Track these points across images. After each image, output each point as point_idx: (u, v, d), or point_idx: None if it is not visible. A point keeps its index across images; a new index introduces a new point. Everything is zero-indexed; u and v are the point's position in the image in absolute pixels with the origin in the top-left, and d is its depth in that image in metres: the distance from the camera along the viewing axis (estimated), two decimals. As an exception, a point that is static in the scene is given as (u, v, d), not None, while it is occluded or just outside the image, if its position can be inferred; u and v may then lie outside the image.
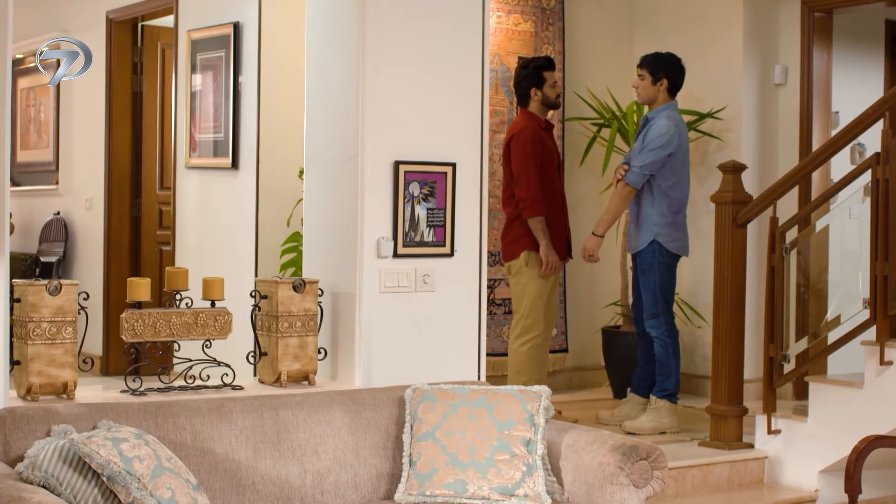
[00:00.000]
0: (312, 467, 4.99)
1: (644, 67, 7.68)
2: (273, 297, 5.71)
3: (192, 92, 8.39)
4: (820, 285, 7.22)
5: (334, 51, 6.08)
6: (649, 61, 7.69)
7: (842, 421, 6.66)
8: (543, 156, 7.64)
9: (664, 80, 7.63)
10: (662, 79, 7.62)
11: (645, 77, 7.65)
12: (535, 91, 7.68)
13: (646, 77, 7.64)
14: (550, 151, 7.74)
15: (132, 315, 5.41)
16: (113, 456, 4.26)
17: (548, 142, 7.75)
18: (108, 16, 9.60)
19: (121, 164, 9.62)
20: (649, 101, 7.69)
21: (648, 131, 7.54)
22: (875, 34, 9.75)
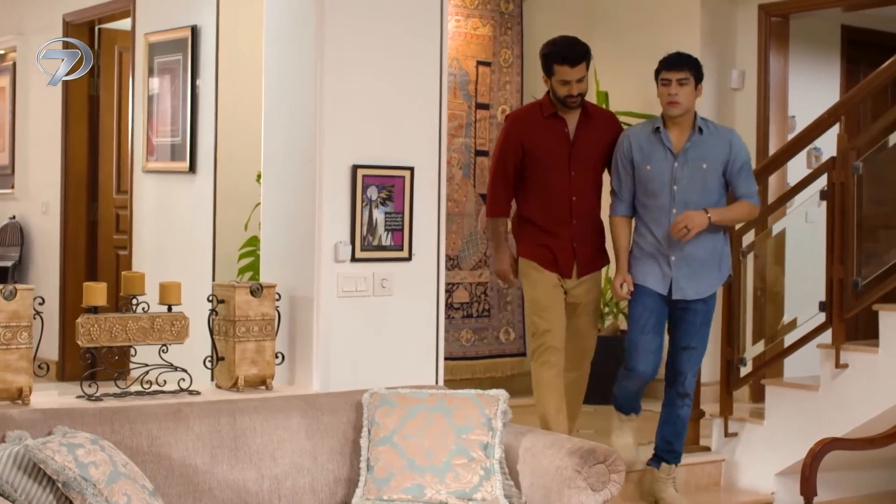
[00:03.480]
0: (270, 472, 4.98)
1: (687, 69, 6.33)
2: (230, 302, 5.69)
3: (150, 95, 8.36)
4: (777, 289, 7.27)
5: (292, 54, 6.06)
6: (692, 62, 6.39)
7: (798, 424, 6.70)
8: (537, 149, 6.49)
9: (701, 86, 6.44)
10: (700, 82, 6.43)
11: (689, 82, 6.32)
12: (545, 79, 6.60)
13: (689, 81, 6.33)
14: (550, 144, 6.51)
15: (88, 320, 5.38)
16: (68, 462, 4.23)
17: (549, 133, 6.52)
18: (65, 18, 9.56)
19: (77, 167, 9.58)
20: (687, 111, 6.36)
21: (731, 147, 6.35)
22: (831, 39, 9.81)
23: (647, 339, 6.35)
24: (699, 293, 6.34)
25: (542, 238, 6.54)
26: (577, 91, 6.44)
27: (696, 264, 6.31)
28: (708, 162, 6.29)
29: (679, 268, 6.30)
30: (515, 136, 6.54)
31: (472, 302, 8.89)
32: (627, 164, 6.40)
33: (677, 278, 6.30)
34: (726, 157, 6.31)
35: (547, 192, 6.52)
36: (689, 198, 6.27)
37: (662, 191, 6.30)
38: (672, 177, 6.29)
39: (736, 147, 6.36)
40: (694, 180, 6.29)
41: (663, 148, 6.32)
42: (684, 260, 6.30)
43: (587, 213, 6.54)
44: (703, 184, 6.29)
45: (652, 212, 6.35)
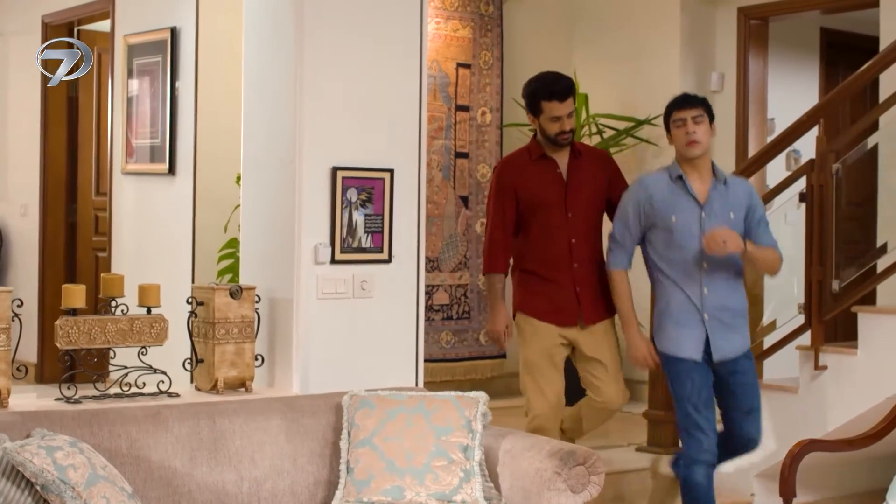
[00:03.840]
0: (249, 475, 4.97)
1: (700, 106, 5.88)
2: (210, 304, 5.68)
3: (129, 97, 8.33)
4: (756, 290, 7.27)
5: (272, 56, 6.06)
6: (702, 99, 5.97)
7: (777, 425, 6.71)
8: (530, 194, 6.19)
9: (714, 126, 5.98)
10: (712, 122, 5.95)
11: (703, 119, 5.85)
12: (531, 119, 6.30)
13: (704, 119, 5.85)
14: (544, 187, 6.21)
15: (67, 322, 5.36)
16: (47, 464, 4.22)
17: (542, 176, 6.21)
18: (44, 20, 9.52)
19: (56, 169, 9.55)
20: (706, 151, 5.90)
21: (751, 197, 5.95)
22: (810, 42, 9.85)
23: (705, 416, 5.81)
24: (740, 348, 5.89)
25: (541, 286, 6.20)
26: (569, 126, 6.13)
27: (729, 318, 5.84)
28: (735, 211, 5.84)
29: (713, 326, 5.81)
30: (508, 184, 6.23)
31: (452, 304, 8.89)
32: (642, 215, 5.89)
33: (714, 338, 5.80)
34: (747, 205, 5.89)
35: (545, 237, 6.18)
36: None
37: (690, 244, 5.79)
38: (700, 228, 5.77)
39: (755, 196, 5.98)
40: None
41: (688, 197, 5.82)
42: (718, 316, 5.82)
43: (589, 256, 6.20)
44: None
45: (680, 267, 5.83)
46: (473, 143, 9.09)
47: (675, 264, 5.84)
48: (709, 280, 5.79)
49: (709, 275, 5.79)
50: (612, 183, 6.26)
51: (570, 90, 6.17)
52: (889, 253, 6.80)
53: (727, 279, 5.84)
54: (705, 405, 5.80)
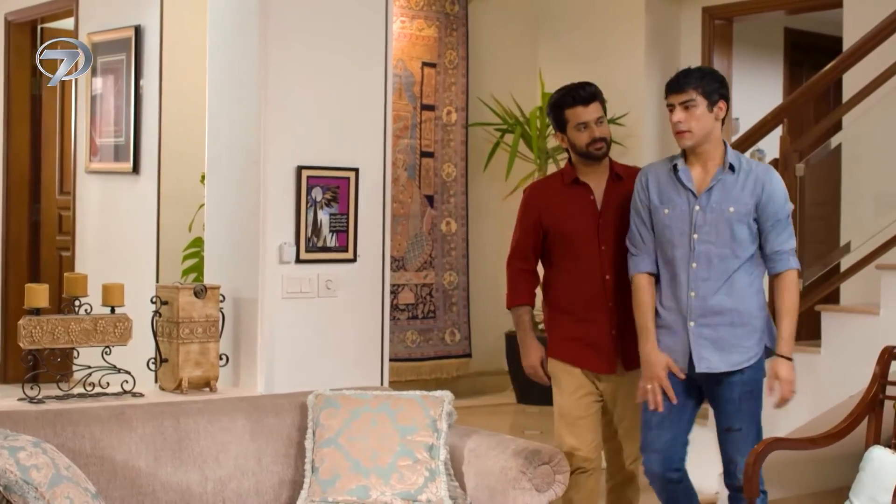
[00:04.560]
0: (214, 475, 4.95)
1: (691, 88, 5.10)
2: (174, 303, 5.66)
3: (93, 95, 8.30)
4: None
5: (236, 55, 6.04)
6: (699, 77, 5.16)
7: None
8: (559, 223, 5.50)
9: (722, 104, 5.18)
10: (720, 101, 5.16)
11: (696, 103, 5.10)
12: (561, 137, 5.53)
13: (697, 103, 5.10)
14: (574, 216, 5.49)
15: (30, 322, 5.34)
16: (9, 465, 4.19)
17: (572, 203, 5.49)
18: (7, 17, 9.48)
19: (19, 168, 9.50)
20: (704, 140, 5.14)
21: (764, 190, 5.12)
22: (774, 42, 9.90)
23: (655, 435, 5.29)
24: (732, 364, 5.18)
25: (575, 329, 5.49)
26: (600, 134, 5.38)
27: (723, 326, 5.14)
28: (736, 206, 5.10)
29: (699, 334, 5.16)
30: (534, 211, 5.55)
31: (418, 303, 8.89)
32: (645, 209, 5.25)
33: (698, 349, 5.15)
34: (757, 199, 5.10)
35: (576, 272, 5.49)
36: (711, 250, 5.12)
37: (681, 241, 5.16)
38: (692, 223, 5.14)
39: (771, 188, 5.12)
40: (719, 229, 5.11)
41: (682, 188, 5.17)
42: (707, 323, 5.15)
43: (627, 293, 5.37)
44: (730, 233, 5.10)
45: (670, 267, 5.21)
46: (439, 142, 9.09)
47: (666, 263, 5.20)
48: (696, 283, 5.13)
49: (697, 277, 5.12)
50: None
51: (594, 95, 5.43)
52: (852, 252, 6.83)
53: (723, 282, 5.11)
54: (657, 425, 5.25)
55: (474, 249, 9.28)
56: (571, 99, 5.41)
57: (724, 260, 5.11)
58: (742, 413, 5.23)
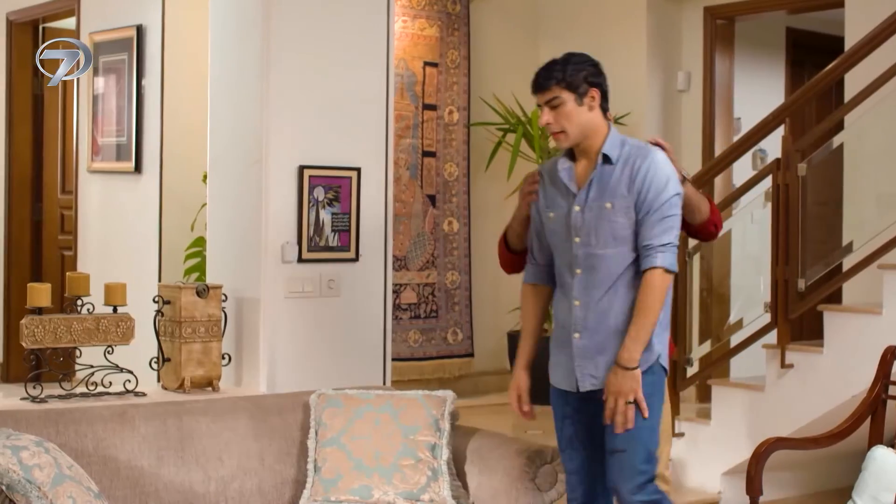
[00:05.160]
0: (216, 474, 4.95)
1: (554, 84, 4.49)
2: (176, 303, 5.66)
3: (95, 95, 8.30)
4: (722, 289, 7.30)
5: (238, 54, 6.04)
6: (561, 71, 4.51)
7: (744, 423, 6.73)
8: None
9: (594, 92, 4.51)
10: (590, 90, 4.50)
11: (562, 101, 4.47)
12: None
13: (563, 100, 4.47)
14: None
15: (32, 321, 5.34)
16: (12, 464, 4.19)
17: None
18: (9, 17, 9.47)
19: (21, 167, 9.49)
20: (585, 135, 4.49)
21: (639, 175, 4.41)
22: (776, 41, 9.88)
23: (565, 456, 4.68)
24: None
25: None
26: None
27: (608, 342, 4.44)
28: (614, 200, 4.43)
29: (583, 351, 4.50)
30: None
31: (420, 303, 8.89)
32: (537, 213, 4.67)
33: (581, 364, 4.49)
34: (638, 189, 4.42)
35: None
36: (595, 253, 4.46)
37: (565, 246, 4.53)
38: (569, 225, 4.50)
39: (646, 173, 4.41)
40: (600, 229, 4.45)
41: (564, 188, 4.53)
42: (591, 339, 4.48)
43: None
44: (612, 233, 4.43)
45: (559, 276, 4.61)
46: (441, 141, 9.08)
47: (557, 271, 4.61)
48: (580, 291, 4.50)
49: (580, 284, 4.49)
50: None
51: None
52: (854, 252, 6.82)
53: (608, 288, 4.45)
54: (569, 444, 4.63)
55: (476, 249, 9.27)
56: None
57: (606, 262, 4.43)
58: (622, 433, 4.39)
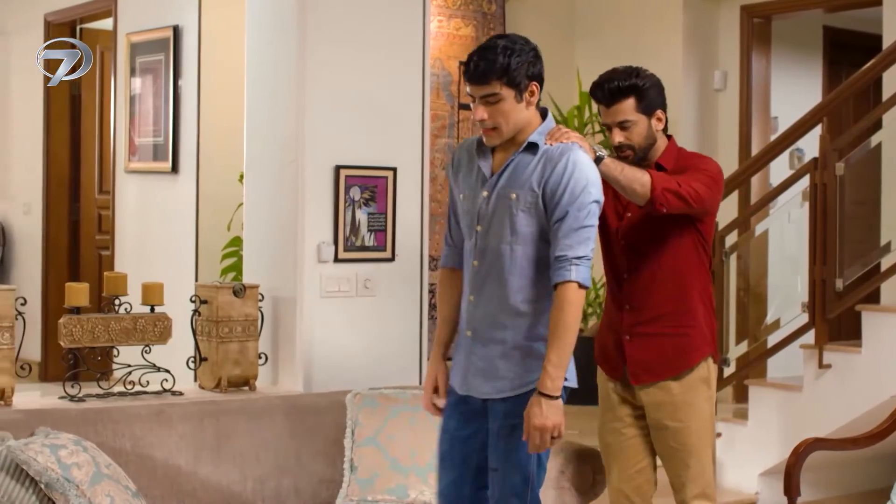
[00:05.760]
0: (253, 473, 4.96)
1: (495, 78, 4.03)
2: (213, 302, 5.67)
3: (132, 95, 8.33)
4: (759, 289, 7.27)
5: (274, 54, 6.05)
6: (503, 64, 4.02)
7: (781, 424, 6.71)
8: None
9: (534, 86, 4.13)
10: (530, 84, 4.11)
11: (500, 97, 4.06)
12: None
13: (502, 96, 4.05)
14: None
15: (70, 320, 5.36)
16: (51, 463, 4.22)
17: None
18: (47, 18, 9.52)
19: (59, 167, 9.54)
20: (518, 131, 4.12)
21: (562, 180, 4.00)
22: (813, 40, 9.83)
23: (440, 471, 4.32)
24: (498, 390, 4.14)
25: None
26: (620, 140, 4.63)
27: (495, 344, 4.15)
28: (521, 191, 4.08)
29: (469, 351, 4.25)
30: None
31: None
32: (449, 192, 4.41)
33: (469, 364, 4.23)
34: (544, 184, 4.04)
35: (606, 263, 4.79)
36: (492, 247, 4.13)
37: (470, 233, 4.22)
38: (476, 213, 4.17)
39: (562, 173, 4.01)
40: (500, 220, 4.11)
41: (478, 170, 4.20)
42: (483, 336, 4.19)
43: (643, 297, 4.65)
44: (511, 227, 4.08)
45: (465, 265, 4.29)
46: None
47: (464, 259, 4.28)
48: (475, 285, 4.19)
49: (476, 277, 4.18)
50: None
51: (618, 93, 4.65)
52: (893, 251, 6.79)
53: (500, 287, 4.12)
54: (441, 460, 4.32)
55: (512, 249, 9.26)
56: (595, 93, 4.70)
57: (502, 259, 4.11)
58: (499, 450, 4.11)
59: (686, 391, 4.58)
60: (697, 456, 4.60)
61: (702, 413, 4.61)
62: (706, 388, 4.63)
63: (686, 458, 4.59)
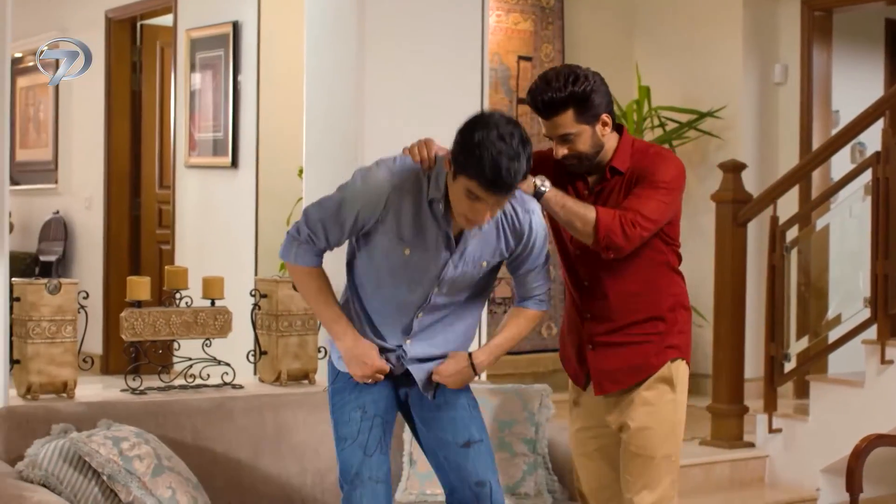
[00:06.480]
0: (313, 466, 4.98)
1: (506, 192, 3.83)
2: (273, 296, 5.70)
3: (192, 91, 8.39)
4: (821, 284, 7.21)
5: (333, 50, 6.07)
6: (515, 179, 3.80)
7: (843, 420, 6.65)
8: None
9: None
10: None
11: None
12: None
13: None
14: None
15: (132, 314, 5.40)
16: (113, 455, 4.25)
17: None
18: (108, 14, 9.59)
19: (120, 163, 9.61)
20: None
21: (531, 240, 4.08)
22: (875, 33, 9.75)
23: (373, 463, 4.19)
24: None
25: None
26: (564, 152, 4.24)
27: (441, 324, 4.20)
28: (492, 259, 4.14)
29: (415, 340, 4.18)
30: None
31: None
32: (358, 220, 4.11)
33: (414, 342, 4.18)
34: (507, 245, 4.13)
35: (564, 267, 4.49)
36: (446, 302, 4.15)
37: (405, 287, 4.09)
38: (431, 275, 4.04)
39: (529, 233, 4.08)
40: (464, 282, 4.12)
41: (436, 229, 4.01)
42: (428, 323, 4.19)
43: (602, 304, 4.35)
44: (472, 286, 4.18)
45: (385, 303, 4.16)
46: (535, 135, 9.04)
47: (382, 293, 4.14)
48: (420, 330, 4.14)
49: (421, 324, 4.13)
50: None
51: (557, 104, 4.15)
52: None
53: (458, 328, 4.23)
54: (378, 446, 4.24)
55: (570, 243, 9.25)
56: (533, 105, 4.22)
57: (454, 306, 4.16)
58: (477, 420, 4.19)
59: (646, 390, 4.25)
60: (655, 461, 4.24)
61: (661, 415, 4.26)
62: (669, 390, 4.27)
63: (642, 462, 4.25)
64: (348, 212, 4.04)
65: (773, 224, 6.93)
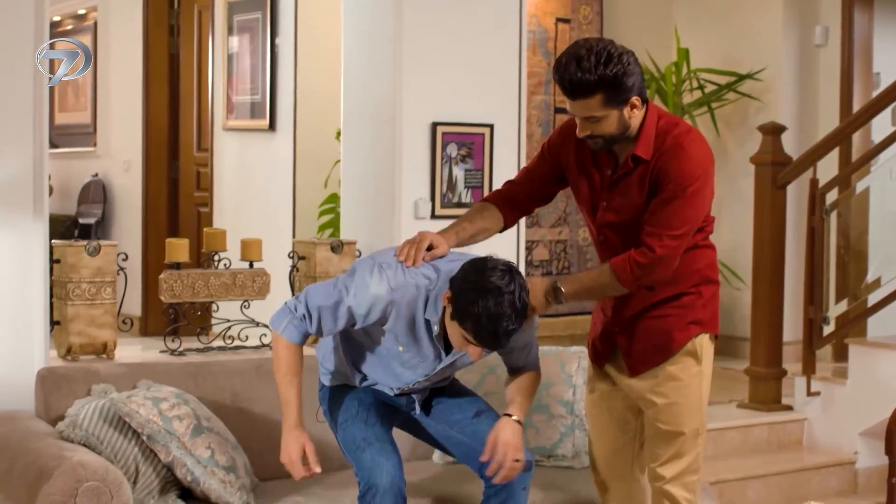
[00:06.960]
0: (351, 427, 4.98)
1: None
2: (311, 258, 5.71)
3: (229, 54, 8.39)
4: (860, 247, 7.17)
5: (371, 11, 6.06)
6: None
7: (882, 383, 6.62)
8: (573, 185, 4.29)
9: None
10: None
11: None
12: None
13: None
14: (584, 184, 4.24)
15: (171, 276, 5.43)
16: (153, 415, 4.28)
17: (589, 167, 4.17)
18: (145, -22, 9.59)
19: (158, 126, 9.62)
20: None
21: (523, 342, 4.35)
22: (917, -6, 9.66)
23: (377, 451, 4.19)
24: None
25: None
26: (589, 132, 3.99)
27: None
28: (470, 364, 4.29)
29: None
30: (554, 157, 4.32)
31: (552, 259, 8.86)
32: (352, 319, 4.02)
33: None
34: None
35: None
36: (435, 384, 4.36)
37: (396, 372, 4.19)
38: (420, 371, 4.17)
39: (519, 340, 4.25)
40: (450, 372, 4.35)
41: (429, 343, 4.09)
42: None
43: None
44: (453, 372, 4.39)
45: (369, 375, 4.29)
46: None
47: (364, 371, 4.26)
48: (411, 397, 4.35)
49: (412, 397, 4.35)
50: None
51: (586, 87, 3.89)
52: None
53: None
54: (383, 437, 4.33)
55: (608, 206, 9.22)
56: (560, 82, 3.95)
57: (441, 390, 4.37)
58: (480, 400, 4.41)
59: (671, 365, 4.17)
60: (685, 436, 4.19)
61: (689, 390, 4.19)
62: (694, 363, 4.18)
63: (672, 437, 4.19)
64: (343, 313, 4.00)
65: (812, 187, 6.88)
